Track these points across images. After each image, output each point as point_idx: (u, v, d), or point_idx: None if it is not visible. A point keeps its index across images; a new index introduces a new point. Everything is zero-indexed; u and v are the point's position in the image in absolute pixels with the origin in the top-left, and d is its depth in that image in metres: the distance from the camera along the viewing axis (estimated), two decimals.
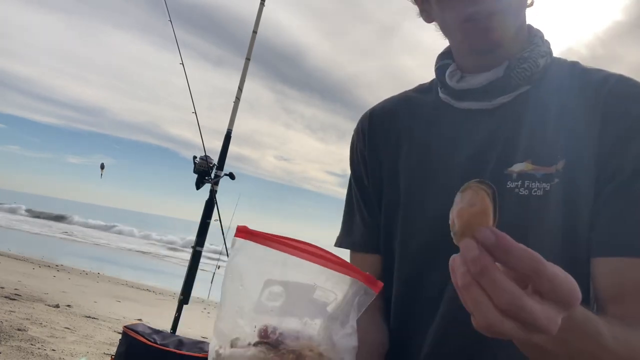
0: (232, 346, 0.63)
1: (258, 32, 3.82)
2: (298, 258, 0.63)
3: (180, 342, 2.69)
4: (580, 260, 0.75)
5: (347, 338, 0.63)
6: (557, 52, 0.88)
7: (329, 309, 0.64)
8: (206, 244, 3.59)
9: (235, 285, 0.66)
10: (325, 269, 0.63)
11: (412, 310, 0.85)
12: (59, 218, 29.04)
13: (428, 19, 0.90)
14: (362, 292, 0.63)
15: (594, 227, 0.74)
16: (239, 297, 0.65)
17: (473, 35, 0.80)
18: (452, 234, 0.46)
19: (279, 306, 0.64)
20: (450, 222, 0.46)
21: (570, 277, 0.45)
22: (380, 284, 0.64)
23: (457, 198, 0.46)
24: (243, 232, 0.66)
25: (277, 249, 0.64)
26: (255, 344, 0.62)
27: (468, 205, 0.44)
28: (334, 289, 0.64)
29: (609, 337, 0.59)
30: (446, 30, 0.87)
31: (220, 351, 0.63)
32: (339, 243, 1.00)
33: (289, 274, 0.64)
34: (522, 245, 0.43)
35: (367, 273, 0.63)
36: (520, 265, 0.43)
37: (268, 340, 0.61)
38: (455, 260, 0.45)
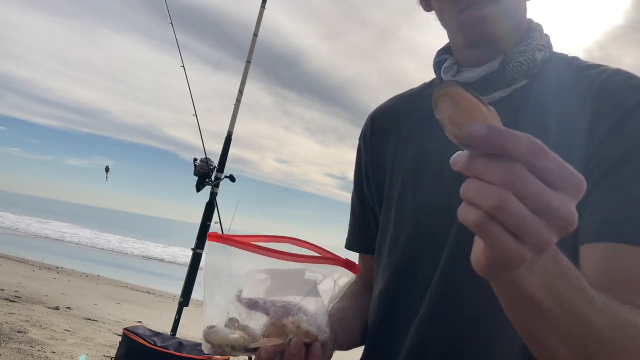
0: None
1: (257, 35, 3.82)
2: (273, 259, 0.66)
3: (180, 345, 2.69)
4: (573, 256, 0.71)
5: (325, 315, 0.68)
6: None
7: (320, 287, 0.67)
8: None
9: (215, 282, 0.69)
10: (300, 264, 0.66)
11: (400, 298, 0.84)
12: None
13: (427, 7, 0.87)
14: (342, 275, 0.69)
15: (581, 214, 0.70)
16: (220, 292, 0.69)
17: (469, 25, 0.78)
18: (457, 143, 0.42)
19: (265, 289, 0.67)
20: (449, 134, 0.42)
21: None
22: (358, 267, 0.69)
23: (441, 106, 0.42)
24: (214, 237, 0.69)
25: (249, 251, 0.67)
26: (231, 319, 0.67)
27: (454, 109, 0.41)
28: (321, 270, 0.68)
29: (594, 294, 0.53)
30: (443, 21, 0.84)
31: (206, 329, 0.66)
32: (346, 244, 1.05)
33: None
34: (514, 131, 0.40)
35: (346, 258, 0.68)
36: (522, 147, 0.40)
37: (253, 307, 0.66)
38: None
